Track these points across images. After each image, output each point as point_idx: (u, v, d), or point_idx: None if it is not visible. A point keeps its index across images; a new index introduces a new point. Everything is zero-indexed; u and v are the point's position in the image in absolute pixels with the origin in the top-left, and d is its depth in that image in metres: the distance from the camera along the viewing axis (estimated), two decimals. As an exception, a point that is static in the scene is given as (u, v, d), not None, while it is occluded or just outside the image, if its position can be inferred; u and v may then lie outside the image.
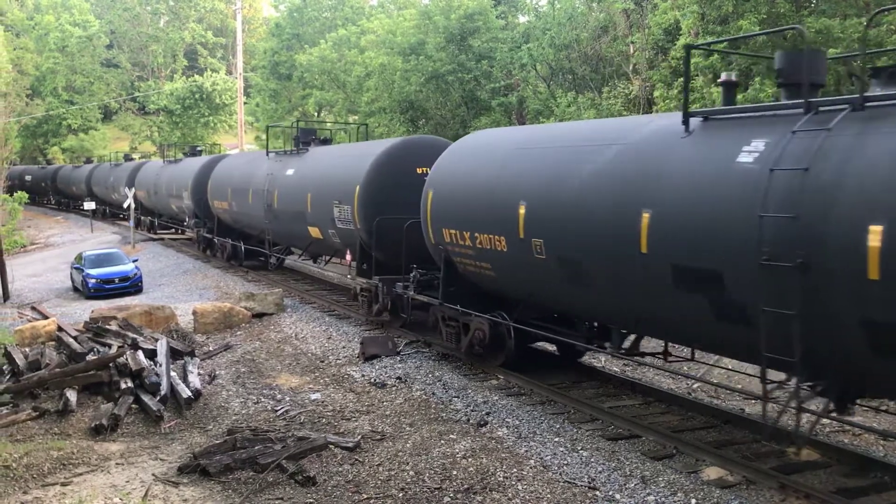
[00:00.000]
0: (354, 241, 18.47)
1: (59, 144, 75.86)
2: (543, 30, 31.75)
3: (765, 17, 19.68)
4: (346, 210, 18.19)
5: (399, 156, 17.62)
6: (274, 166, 23.61)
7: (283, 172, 22.63)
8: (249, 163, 26.90)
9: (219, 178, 28.92)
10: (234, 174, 27.54)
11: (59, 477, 9.91)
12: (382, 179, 17.37)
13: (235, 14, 55.15)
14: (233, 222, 28.29)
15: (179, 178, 34.26)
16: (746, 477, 9.24)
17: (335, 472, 9.97)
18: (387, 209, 16.94)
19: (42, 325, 16.95)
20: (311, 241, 21.72)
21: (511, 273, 12.72)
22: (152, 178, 39.25)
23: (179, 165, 36.38)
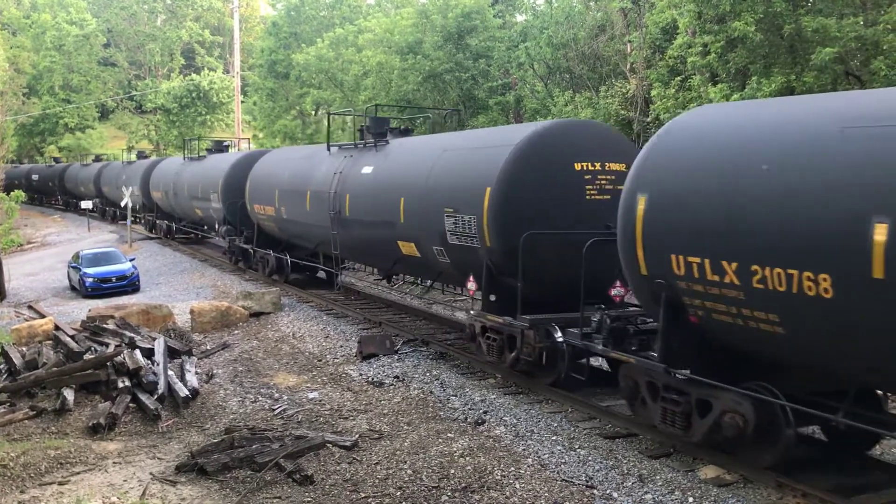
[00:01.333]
0: (477, 263, 13.60)
1: (56, 143, 75.78)
2: (541, 29, 31.76)
3: (761, 16, 19.68)
4: (468, 222, 13.41)
5: (551, 145, 12.84)
6: (342, 163, 19.00)
7: (357, 171, 18.04)
8: (305, 159, 22.13)
9: (261, 178, 24.38)
10: (282, 173, 22.79)
11: (56, 476, 9.90)
12: (530, 179, 12.60)
13: (233, 13, 55.12)
14: (279, 231, 23.74)
15: (206, 178, 29.45)
16: (743, 475, 9.25)
17: (333, 471, 9.97)
18: (536, 222, 12.35)
19: (39, 324, 16.93)
20: (397, 259, 16.90)
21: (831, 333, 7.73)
22: (170, 177, 34.78)
23: (204, 163, 31.39)
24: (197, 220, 33.28)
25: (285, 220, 22.37)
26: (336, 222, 18.61)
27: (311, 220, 20.43)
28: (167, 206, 36.76)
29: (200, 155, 33.37)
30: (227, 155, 31.78)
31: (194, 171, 31.59)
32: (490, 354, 13.55)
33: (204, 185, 29.44)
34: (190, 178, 31.72)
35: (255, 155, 27.53)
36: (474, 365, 14.61)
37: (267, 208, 23.46)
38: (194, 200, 31.04)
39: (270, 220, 23.64)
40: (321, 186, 19.52)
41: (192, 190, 31.16)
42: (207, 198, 28.96)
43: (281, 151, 27.23)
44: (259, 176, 24.68)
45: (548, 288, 12.64)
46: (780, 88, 19.03)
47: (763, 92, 18.93)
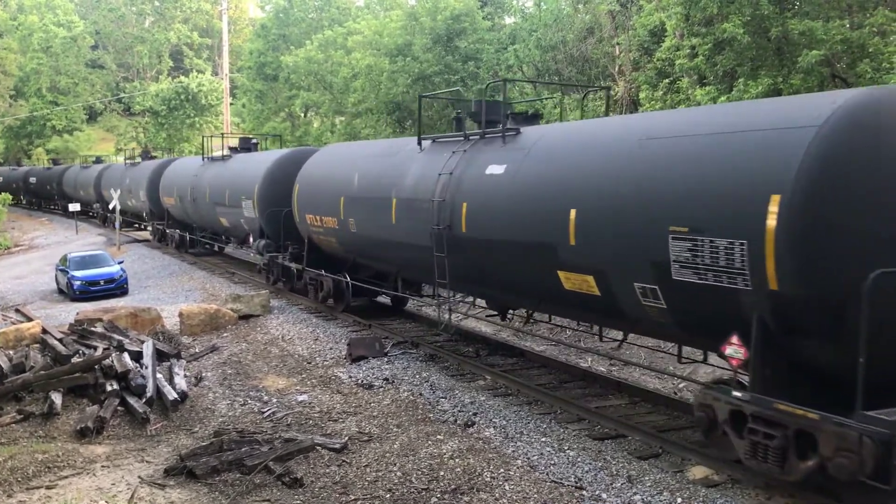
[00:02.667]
0: (736, 315, 8.59)
1: (44, 145, 75.42)
2: (530, 31, 31.90)
3: (749, 18, 19.81)
4: (724, 250, 8.46)
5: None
6: (449, 162, 13.92)
7: (479, 172, 13.05)
8: (384, 157, 16.93)
9: (316, 182, 19.41)
10: (348, 175, 17.50)
11: (43, 480, 9.84)
12: (865, 181, 7.78)
13: (221, 15, 55.00)
14: (342, 249, 18.60)
15: (235, 181, 24.93)
16: (732, 476, 9.31)
17: (322, 474, 9.96)
18: (883, 252, 7.67)
19: (26, 327, 16.83)
20: (553, 297, 11.88)
21: None
22: (186, 180, 30.11)
23: (231, 164, 26.95)
24: (221, 231, 28.60)
25: (354, 234, 17.30)
26: (444, 241, 13.36)
27: (397, 237, 15.41)
28: (181, 214, 32.07)
29: (224, 154, 28.44)
30: (260, 155, 26.64)
31: (218, 174, 27.11)
32: (756, 458, 8.54)
33: (233, 190, 24.84)
34: (213, 182, 27.09)
35: (304, 153, 22.60)
36: (464, 367, 14.62)
37: (326, 220, 18.52)
38: (219, 208, 26.40)
39: (330, 235, 18.65)
40: (416, 193, 14.57)
41: (215, 195, 26.52)
42: (237, 204, 24.29)
43: (342, 147, 21.85)
44: (313, 178, 19.64)
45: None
46: (767, 90, 19.16)
47: (750, 94, 19.05)
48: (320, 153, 20.91)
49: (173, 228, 34.14)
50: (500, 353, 15.73)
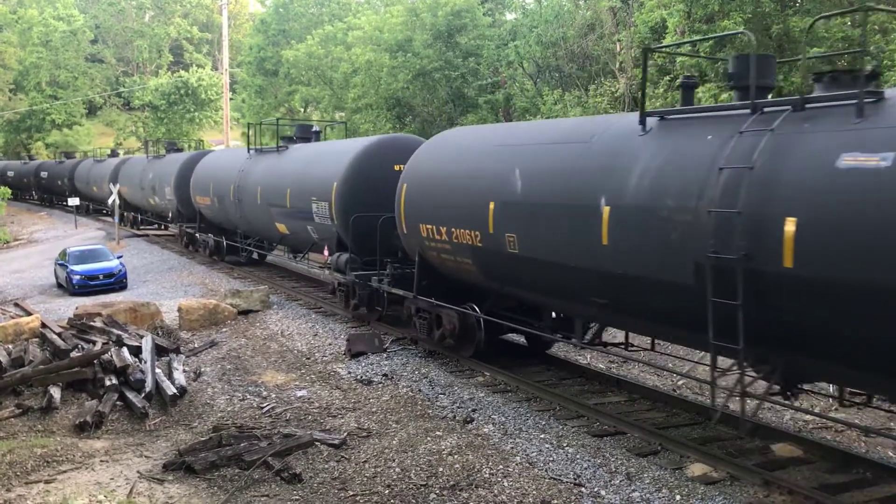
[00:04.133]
0: None
1: (43, 140, 75.32)
2: (530, 27, 31.84)
3: (750, 16, 19.80)
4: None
5: None
6: (734, 150, 8.73)
7: (823, 165, 7.84)
8: (568, 146, 11.63)
9: (438, 182, 14.30)
10: (504, 173, 12.41)
11: (42, 474, 9.84)
12: None
13: (221, 9, 54.92)
14: (484, 275, 13.43)
15: (299, 179, 20.56)
16: (731, 473, 9.31)
17: (321, 469, 9.96)
18: None
19: (25, 321, 16.82)
20: None
21: None
22: (226, 177, 26.02)
23: (288, 157, 22.61)
24: (275, 239, 24.54)
25: (513, 256, 12.11)
26: (737, 279, 8.34)
27: (608, 265, 10.32)
28: (219, 217, 27.78)
29: (279, 145, 24.29)
30: (338, 143, 22.75)
31: (272, 169, 22.99)
32: None
33: (298, 189, 20.45)
34: (266, 178, 23.00)
35: (406, 141, 18.58)
36: (462, 363, 14.62)
37: (459, 233, 13.37)
38: (275, 211, 22.10)
39: (461, 254, 13.61)
40: (657, 198, 9.57)
41: (270, 195, 22.26)
42: (303, 208, 19.97)
43: (481, 133, 15.48)
44: (431, 175, 14.67)
45: None
46: (768, 88, 19.11)
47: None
48: (440, 140, 15.73)
49: (206, 233, 29.38)
50: None
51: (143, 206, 38.94)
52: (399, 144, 18.28)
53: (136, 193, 38.07)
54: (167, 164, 33.71)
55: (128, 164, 41.39)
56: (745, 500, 8.67)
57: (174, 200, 31.74)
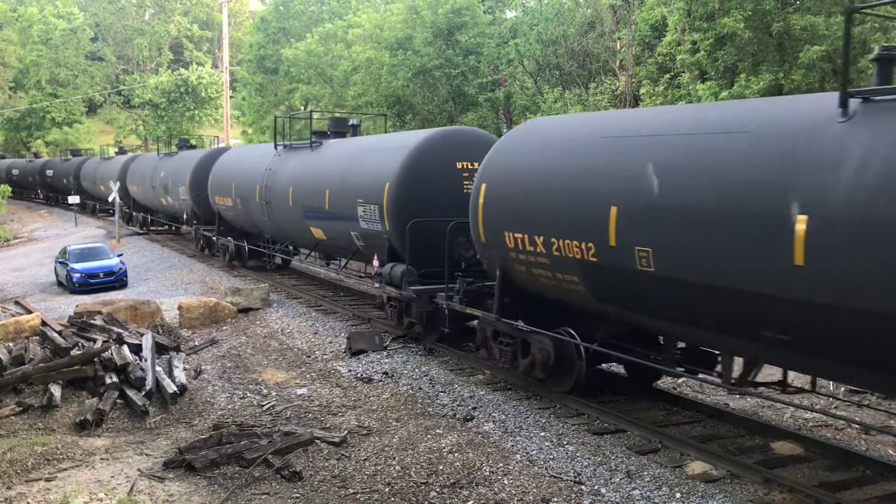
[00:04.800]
0: None
1: (43, 138, 75.31)
2: (531, 25, 31.82)
3: (750, 13, 19.77)
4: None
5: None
6: None
7: None
8: (763, 141, 8.51)
9: (527, 183, 11.76)
10: (635, 169, 9.82)
11: (43, 472, 9.85)
12: None
13: (221, 7, 54.87)
14: (593, 295, 10.89)
15: (342, 179, 17.95)
16: (731, 471, 9.31)
17: (321, 467, 9.96)
18: None
19: (26, 319, 16.83)
20: None
21: None
22: (251, 175, 23.19)
23: (324, 154, 19.98)
24: (310, 245, 21.46)
25: (649, 276, 9.58)
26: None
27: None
28: (242, 220, 25.15)
29: (311, 140, 21.12)
30: (385, 138, 19.45)
31: (306, 167, 20.30)
32: None
33: (338, 190, 17.89)
34: (299, 178, 20.31)
35: (471, 135, 16.71)
36: (462, 361, 14.62)
37: (563, 244, 10.89)
38: (311, 215, 19.53)
39: (563, 270, 11.10)
40: None
41: (305, 196, 19.73)
42: (348, 212, 17.44)
43: (584, 121, 12.54)
44: (519, 173, 12.13)
45: None
46: (769, 86, 19.15)
47: (752, 89, 19.04)
48: (530, 131, 12.83)
49: (225, 236, 27.00)
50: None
51: (154, 207, 36.48)
52: (460, 138, 16.29)
53: (147, 193, 35.78)
54: (181, 162, 31.32)
55: (137, 161, 39.17)
56: (746, 498, 8.68)
57: (189, 201, 29.41)
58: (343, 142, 20.31)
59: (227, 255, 26.92)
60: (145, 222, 38.89)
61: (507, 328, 12.49)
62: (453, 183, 15.20)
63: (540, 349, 11.96)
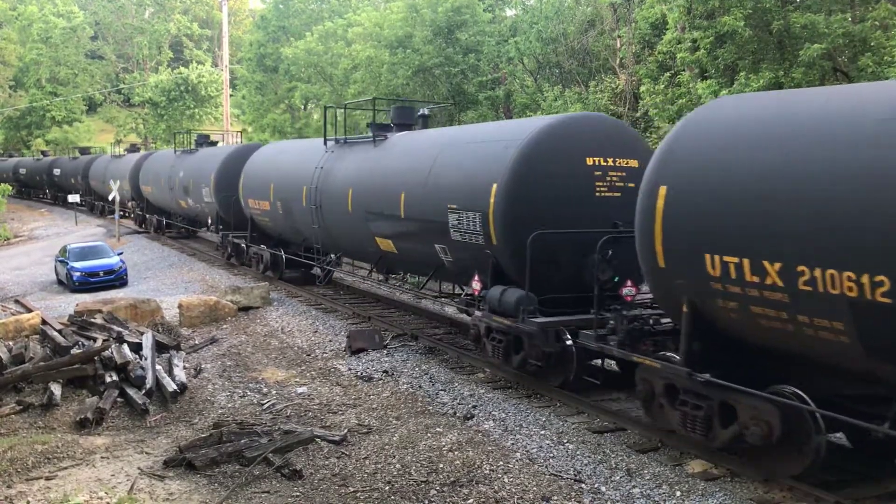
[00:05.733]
0: None
1: (43, 136, 75.35)
2: (531, 23, 31.82)
3: (750, 11, 19.76)
4: None
5: None
6: None
7: None
8: None
9: (759, 186, 8.24)
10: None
11: (43, 471, 9.85)
12: None
13: (221, 6, 54.85)
14: (873, 350, 7.53)
15: (426, 181, 14.53)
16: (730, 469, 9.31)
17: (322, 466, 9.97)
18: None
19: (26, 318, 16.82)
20: None
21: None
22: (292, 175, 20.63)
23: (390, 151, 16.83)
24: (370, 257, 18.14)
25: None
26: None
27: None
28: (282, 226, 22.25)
29: (375, 135, 17.79)
30: (479, 128, 16.40)
31: (369, 167, 17.07)
32: None
33: (427, 194, 14.48)
34: (360, 179, 17.17)
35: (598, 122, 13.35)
36: (463, 359, 14.62)
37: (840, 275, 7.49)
38: (377, 223, 16.38)
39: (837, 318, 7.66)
40: None
41: (369, 201, 16.53)
42: (434, 221, 14.20)
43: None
44: (724, 172, 8.78)
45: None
46: (769, 84, 19.13)
47: (751, 87, 19.02)
48: (736, 113, 9.32)
49: (258, 244, 24.15)
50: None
51: (171, 209, 33.35)
52: (590, 126, 12.94)
53: (163, 194, 32.68)
54: (203, 160, 28.11)
55: (151, 160, 36.19)
56: (745, 496, 8.68)
57: (214, 204, 26.27)
58: (417, 134, 17.07)
59: (262, 265, 23.98)
60: (160, 226, 36.14)
61: (693, 384, 9.19)
62: (582, 184, 12.29)
63: (755, 418, 8.63)
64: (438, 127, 17.72)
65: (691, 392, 9.36)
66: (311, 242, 20.62)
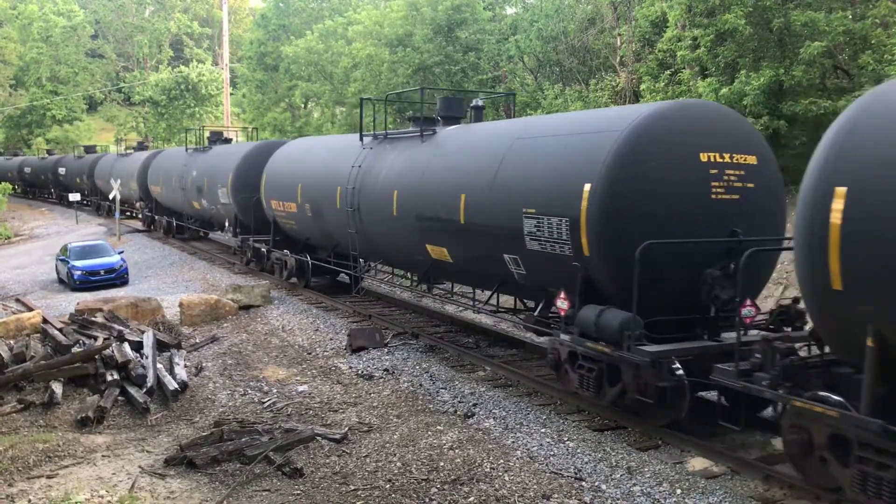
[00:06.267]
0: None
1: (44, 135, 75.39)
2: (531, 21, 31.81)
3: (751, 9, 19.75)
4: None
5: None
6: None
7: None
8: None
9: None
10: None
11: (44, 469, 9.86)
12: None
13: (221, 4, 54.83)
14: None
15: (492, 182, 12.67)
16: (731, 467, 9.32)
17: (322, 464, 9.98)
18: None
19: (27, 317, 16.83)
20: None
21: None
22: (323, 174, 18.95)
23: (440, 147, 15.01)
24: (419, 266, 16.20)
25: None
26: None
27: None
28: (311, 229, 20.45)
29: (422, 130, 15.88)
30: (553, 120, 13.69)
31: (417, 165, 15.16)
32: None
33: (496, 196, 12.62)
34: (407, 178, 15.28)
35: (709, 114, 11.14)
36: (463, 357, 14.62)
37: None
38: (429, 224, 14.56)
39: None
40: None
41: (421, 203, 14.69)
42: (505, 227, 12.35)
43: None
44: None
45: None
46: (769, 82, 19.13)
47: (752, 85, 19.03)
48: None
49: (281, 248, 22.33)
50: (499, 345, 15.77)
51: (183, 211, 31.69)
52: (703, 116, 10.95)
53: (174, 195, 31.13)
54: (219, 159, 26.51)
55: (161, 158, 34.58)
56: (746, 494, 8.68)
57: (232, 205, 24.71)
58: (476, 128, 15.18)
59: (285, 271, 22.26)
60: (170, 228, 34.29)
61: (882, 439, 7.29)
62: (696, 185, 10.38)
63: None
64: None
65: (871, 447, 7.39)
66: (343, 248, 18.81)
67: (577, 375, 11.10)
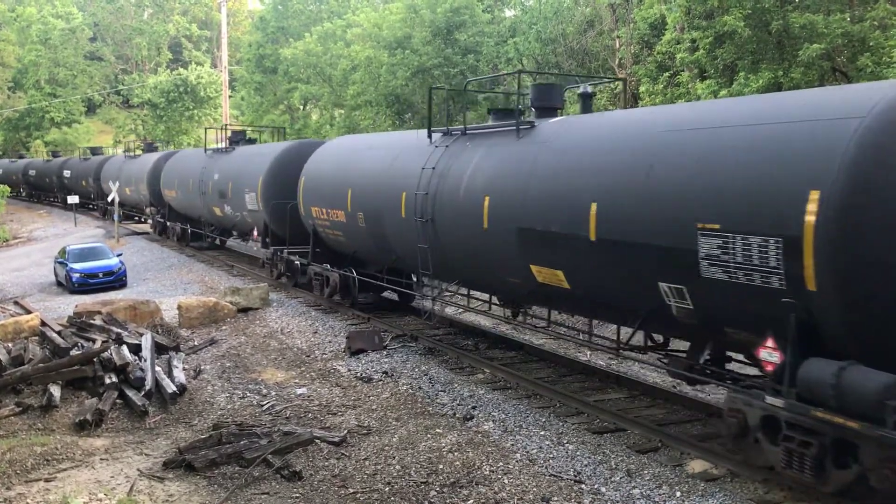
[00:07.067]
0: None
1: (42, 138, 75.37)
2: (530, 24, 31.84)
3: (750, 11, 19.76)
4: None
5: None
6: None
7: None
8: None
9: None
10: None
11: (42, 472, 9.84)
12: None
13: (220, 7, 54.84)
14: None
15: (637, 192, 9.62)
16: (731, 470, 9.30)
17: (321, 467, 9.96)
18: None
19: (25, 319, 16.81)
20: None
21: None
22: (379, 179, 16.05)
23: (546, 147, 11.71)
24: (518, 291, 13.15)
25: None
26: None
27: None
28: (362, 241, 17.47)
29: (519, 124, 12.70)
30: (744, 103, 10.29)
31: (516, 169, 12.12)
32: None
33: (647, 211, 9.56)
34: (504, 184, 12.29)
35: None
36: (462, 360, 14.60)
37: None
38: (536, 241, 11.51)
39: None
40: None
41: (527, 214, 11.63)
42: (663, 247, 9.42)
43: None
44: None
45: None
46: (768, 84, 19.13)
47: (751, 88, 19.03)
48: None
49: (321, 262, 19.60)
50: (499, 347, 15.76)
51: (202, 217, 29.10)
52: None
53: (192, 200, 28.57)
54: (245, 161, 24.01)
55: (175, 160, 32.03)
56: (746, 496, 8.67)
57: (262, 212, 22.26)
58: (598, 119, 12.22)
59: (327, 288, 19.37)
60: (184, 235, 31.78)
61: None
62: None
63: None
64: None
65: None
66: (406, 264, 16.19)
67: (783, 450, 8.22)
